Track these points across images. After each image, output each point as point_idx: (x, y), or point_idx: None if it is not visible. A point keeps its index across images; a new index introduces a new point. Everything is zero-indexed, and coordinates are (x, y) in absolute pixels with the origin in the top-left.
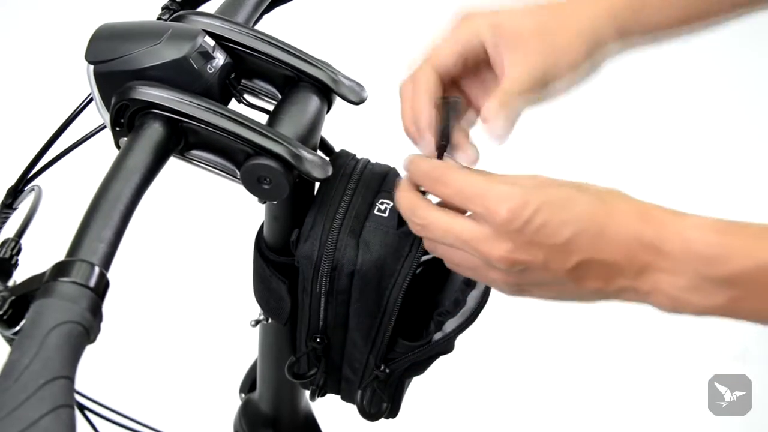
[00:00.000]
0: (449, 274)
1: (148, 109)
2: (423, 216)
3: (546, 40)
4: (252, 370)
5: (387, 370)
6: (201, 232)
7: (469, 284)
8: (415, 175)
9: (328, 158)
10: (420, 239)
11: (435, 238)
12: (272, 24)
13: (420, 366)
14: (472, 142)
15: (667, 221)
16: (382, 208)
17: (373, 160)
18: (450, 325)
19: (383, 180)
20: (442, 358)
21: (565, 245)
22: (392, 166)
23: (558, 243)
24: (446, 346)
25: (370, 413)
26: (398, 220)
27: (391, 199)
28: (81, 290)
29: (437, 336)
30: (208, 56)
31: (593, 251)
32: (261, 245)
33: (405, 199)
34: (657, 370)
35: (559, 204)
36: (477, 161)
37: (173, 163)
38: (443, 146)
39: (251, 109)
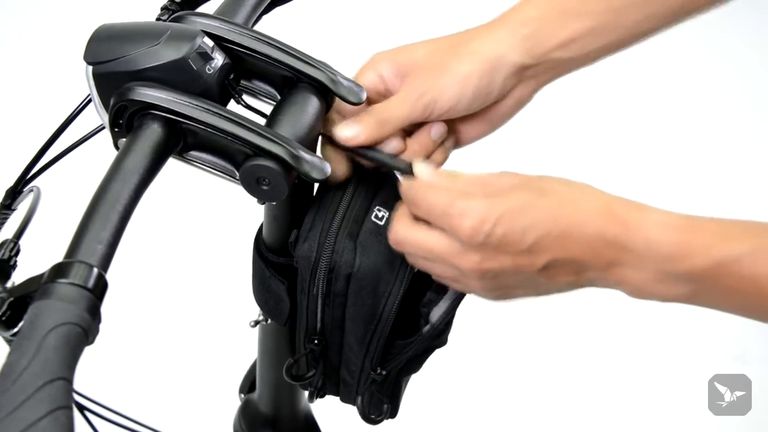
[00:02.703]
0: None
1: (146, 110)
2: (398, 231)
3: (433, 63)
4: (251, 371)
5: (383, 372)
6: (200, 232)
7: None
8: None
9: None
10: None
11: (410, 253)
12: (272, 24)
13: (415, 363)
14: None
15: (631, 219)
16: (380, 215)
17: None
18: (435, 313)
19: (382, 184)
20: (440, 359)
21: (531, 249)
22: None
23: (523, 249)
24: (438, 338)
25: (372, 418)
26: None
27: (388, 208)
28: (79, 292)
29: (426, 328)
30: (207, 57)
31: (559, 251)
32: (260, 246)
33: (395, 216)
34: (657, 370)
35: (518, 212)
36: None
37: (172, 164)
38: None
39: (250, 110)
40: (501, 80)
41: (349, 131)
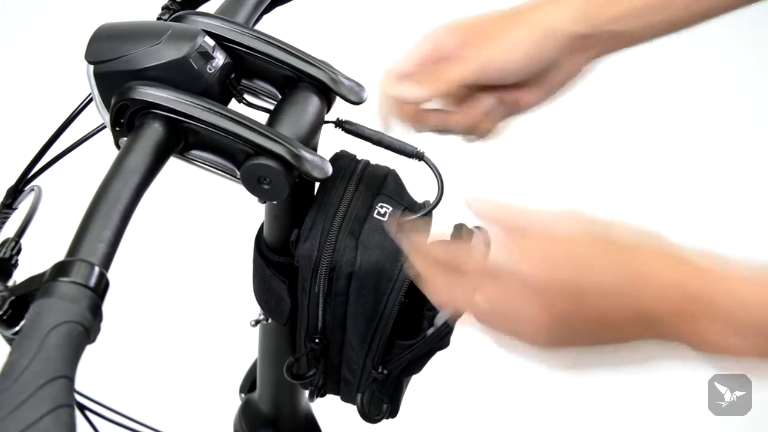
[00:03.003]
0: None
1: (148, 109)
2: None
3: (489, 30)
4: (252, 371)
5: (385, 372)
6: (201, 232)
7: None
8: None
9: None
10: None
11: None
12: (272, 24)
13: (417, 364)
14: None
15: (710, 271)
16: (382, 212)
17: (373, 161)
18: (440, 318)
19: (383, 182)
20: (441, 361)
21: (602, 297)
22: (392, 167)
23: (594, 297)
24: (441, 341)
25: (371, 416)
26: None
27: (391, 204)
28: (81, 290)
29: (430, 331)
30: (208, 56)
31: (632, 300)
32: (261, 245)
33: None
34: (657, 370)
35: (591, 258)
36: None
37: (173, 163)
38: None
39: (251, 109)
40: (553, 48)
41: (409, 86)
